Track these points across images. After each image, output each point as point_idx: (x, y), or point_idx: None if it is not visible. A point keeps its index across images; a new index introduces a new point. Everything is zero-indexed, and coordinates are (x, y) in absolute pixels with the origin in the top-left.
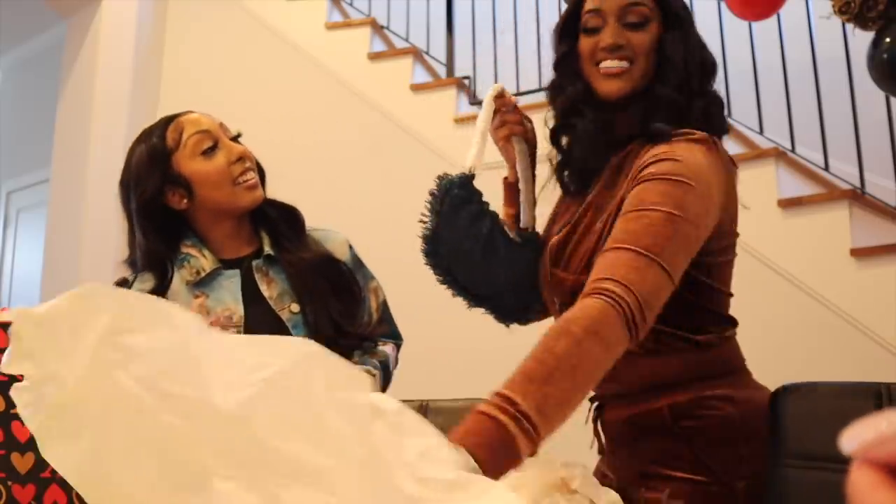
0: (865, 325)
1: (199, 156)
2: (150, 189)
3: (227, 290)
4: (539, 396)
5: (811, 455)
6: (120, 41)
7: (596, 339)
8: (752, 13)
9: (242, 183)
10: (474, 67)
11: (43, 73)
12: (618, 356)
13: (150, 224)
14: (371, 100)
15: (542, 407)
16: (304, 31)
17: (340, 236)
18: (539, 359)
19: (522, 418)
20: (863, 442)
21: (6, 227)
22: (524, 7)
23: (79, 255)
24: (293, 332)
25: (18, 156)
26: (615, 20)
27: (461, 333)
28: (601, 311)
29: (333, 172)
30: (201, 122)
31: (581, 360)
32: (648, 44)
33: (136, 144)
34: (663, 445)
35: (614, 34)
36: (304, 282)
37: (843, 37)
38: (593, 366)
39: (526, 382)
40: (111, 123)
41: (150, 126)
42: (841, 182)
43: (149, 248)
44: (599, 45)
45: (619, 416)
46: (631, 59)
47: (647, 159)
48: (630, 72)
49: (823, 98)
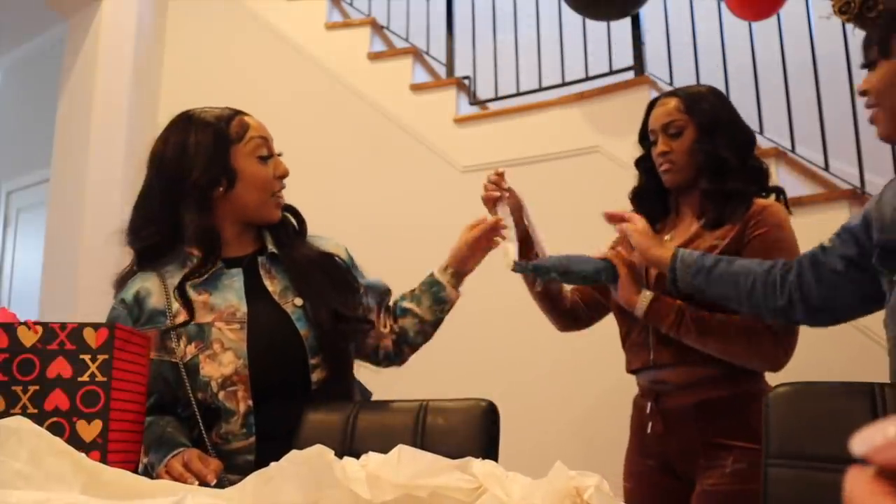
0: (865, 324)
1: (256, 158)
2: (215, 169)
3: (231, 288)
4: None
5: (805, 455)
6: (120, 41)
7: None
8: (752, 13)
9: (275, 198)
10: (474, 67)
11: (43, 73)
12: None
13: (204, 202)
14: (371, 100)
15: (694, 316)
16: (304, 31)
17: (337, 241)
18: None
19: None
20: (873, 446)
21: (6, 227)
22: (524, 7)
23: (79, 255)
24: (297, 325)
25: (18, 156)
26: (662, 133)
27: (461, 333)
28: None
29: (333, 172)
30: (263, 129)
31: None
32: (686, 146)
33: (188, 126)
34: (726, 423)
35: (662, 144)
36: (304, 277)
37: (843, 37)
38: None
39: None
40: (111, 123)
41: (203, 114)
42: (841, 182)
43: (202, 224)
44: (655, 153)
45: (681, 402)
46: (674, 161)
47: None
48: (674, 170)
49: (823, 98)
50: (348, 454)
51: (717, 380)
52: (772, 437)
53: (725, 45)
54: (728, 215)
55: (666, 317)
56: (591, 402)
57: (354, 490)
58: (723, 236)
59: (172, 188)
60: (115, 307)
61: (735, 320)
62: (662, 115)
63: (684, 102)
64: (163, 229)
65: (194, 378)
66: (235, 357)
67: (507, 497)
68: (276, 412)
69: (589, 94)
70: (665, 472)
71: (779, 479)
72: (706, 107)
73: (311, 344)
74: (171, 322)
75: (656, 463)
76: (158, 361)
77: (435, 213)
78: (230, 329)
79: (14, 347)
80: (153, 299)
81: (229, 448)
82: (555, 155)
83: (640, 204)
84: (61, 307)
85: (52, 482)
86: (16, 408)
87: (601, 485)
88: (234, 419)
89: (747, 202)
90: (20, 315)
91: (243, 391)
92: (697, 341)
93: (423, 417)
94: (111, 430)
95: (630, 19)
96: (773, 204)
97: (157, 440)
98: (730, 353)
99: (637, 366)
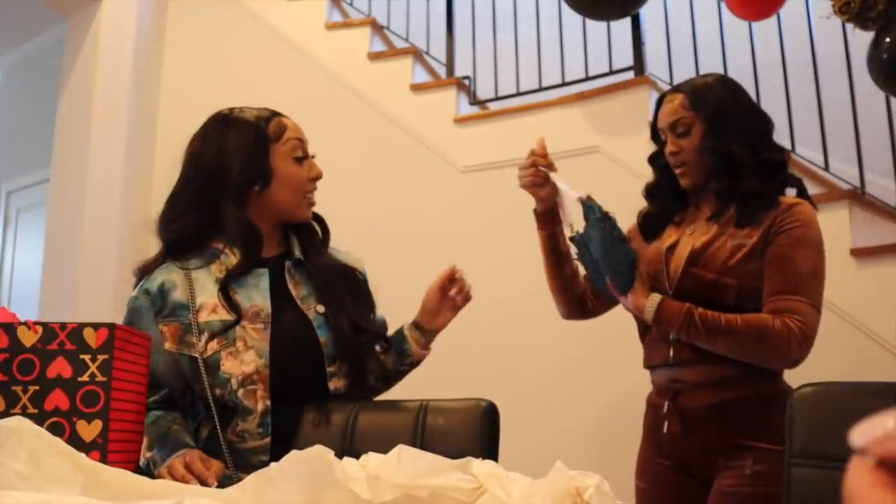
0: (865, 324)
1: (292, 159)
2: (253, 168)
3: (256, 288)
4: (708, 317)
5: (827, 455)
6: (120, 41)
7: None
8: (752, 13)
9: (308, 199)
10: (474, 67)
11: (43, 73)
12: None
13: (241, 200)
14: (371, 100)
15: (703, 317)
16: (304, 31)
17: (357, 256)
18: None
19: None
20: (872, 438)
21: (6, 227)
22: (524, 7)
23: (79, 255)
24: (318, 332)
25: (18, 156)
26: (670, 132)
27: (461, 333)
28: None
29: (333, 172)
30: (299, 131)
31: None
32: (695, 144)
33: (227, 125)
34: (747, 423)
35: (671, 144)
36: (327, 286)
37: (843, 37)
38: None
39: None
40: (111, 123)
41: (242, 113)
42: (841, 182)
43: (244, 219)
44: (667, 153)
45: (700, 401)
46: (685, 161)
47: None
48: (687, 171)
49: (823, 98)
50: (348, 454)
51: (737, 379)
52: (796, 436)
53: (725, 45)
54: (752, 215)
55: (675, 320)
56: (592, 401)
57: (354, 490)
58: (749, 235)
59: (209, 184)
60: (138, 296)
61: (746, 319)
62: (669, 113)
63: (689, 97)
64: (195, 223)
65: (213, 374)
66: (257, 356)
67: (507, 497)
68: (293, 415)
69: (589, 94)
70: (680, 471)
71: (802, 479)
72: (711, 99)
73: (330, 352)
74: (195, 317)
75: (671, 462)
76: (177, 354)
77: (435, 213)
78: (254, 328)
79: (14, 347)
80: (177, 292)
81: (244, 447)
82: (555, 155)
83: (655, 200)
84: (61, 307)
85: (51, 483)
86: (16, 408)
87: (601, 485)
88: (252, 418)
89: (770, 200)
90: (20, 315)
91: (262, 390)
92: (708, 342)
93: (423, 417)
94: (111, 430)
95: (630, 19)
96: (801, 202)
97: (162, 437)
98: (742, 352)
99: (656, 362)
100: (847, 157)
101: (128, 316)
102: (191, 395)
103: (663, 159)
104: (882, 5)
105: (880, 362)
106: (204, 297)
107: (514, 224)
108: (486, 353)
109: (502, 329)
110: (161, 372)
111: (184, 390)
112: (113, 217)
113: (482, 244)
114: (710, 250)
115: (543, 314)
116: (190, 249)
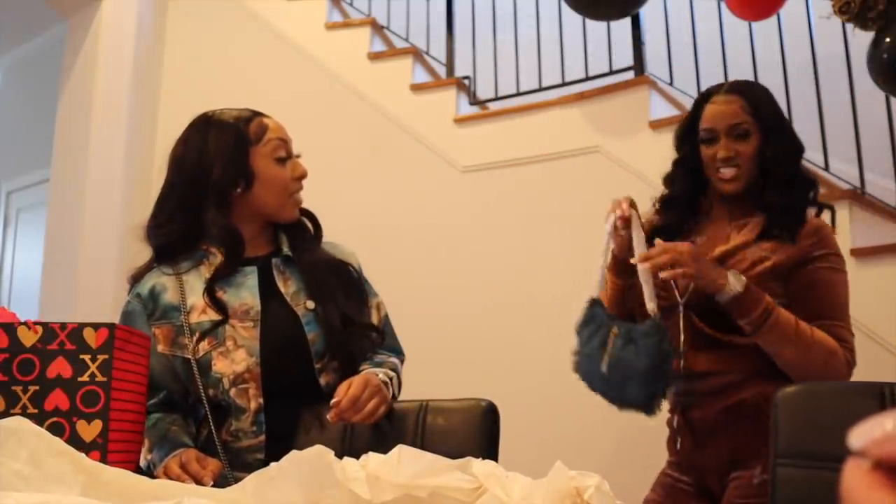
0: (865, 324)
1: (273, 160)
2: (234, 170)
3: (245, 286)
4: (785, 319)
5: (812, 455)
6: (120, 41)
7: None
8: (752, 13)
9: (294, 199)
10: (474, 67)
11: (43, 73)
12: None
13: (223, 202)
14: (371, 100)
15: (782, 317)
16: (304, 31)
17: (350, 249)
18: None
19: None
20: (871, 440)
21: (6, 227)
22: (524, 7)
23: (78, 255)
24: (306, 328)
25: (18, 156)
26: (727, 136)
27: (461, 333)
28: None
29: (333, 173)
30: (282, 131)
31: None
32: (753, 151)
33: (207, 127)
34: (755, 427)
35: (727, 148)
36: (317, 280)
37: (843, 37)
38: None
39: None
40: (111, 123)
41: (222, 115)
42: (841, 182)
43: (225, 225)
44: (717, 156)
45: (708, 411)
46: (740, 165)
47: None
48: (740, 176)
49: (823, 98)
50: (348, 454)
51: (741, 383)
52: (780, 436)
53: (725, 45)
54: (782, 229)
55: (754, 308)
56: (592, 401)
57: (354, 490)
58: (773, 249)
59: (192, 188)
60: (130, 301)
61: (820, 336)
62: (729, 115)
63: (750, 103)
64: (181, 227)
65: (206, 374)
66: (248, 355)
67: (507, 497)
68: (286, 412)
69: (589, 94)
70: (701, 496)
71: (787, 480)
72: (770, 110)
73: (318, 349)
74: (186, 318)
75: (692, 480)
76: (170, 356)
77: (435, 213)
78: (243, 327)
79: (14, 347)
80: (168, 295)
81: (239, 446)
82: (555, 155)
83: (670, 210)
84: (61, 307)
85: (51, 483)
86: (16, 408)
87: (601, 485)
88: (245, 417)
89: (801, 217)
90: (20, 315)
91: (254, 389)
92: (774, 345)
93: (423, 417)
94: (111, 430)
95: (630, 19)
96: (826, 225)
97: (161, 438)
98: (803, 365)
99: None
100: (847, 157)
101: (121, 320)
102: (186, 396)
103: (692, 163)
104: (882, 5)
105: (880, 362)
106: (194, 299)
107: (515, 224)
108: (486, 353)
109: (502, 329)
110: (157, 374)
111: (184, 392)
112: (113, 217)
113: (482, 244)
114: (730, 261)
115: (544, 314)
116: (179, 253)
